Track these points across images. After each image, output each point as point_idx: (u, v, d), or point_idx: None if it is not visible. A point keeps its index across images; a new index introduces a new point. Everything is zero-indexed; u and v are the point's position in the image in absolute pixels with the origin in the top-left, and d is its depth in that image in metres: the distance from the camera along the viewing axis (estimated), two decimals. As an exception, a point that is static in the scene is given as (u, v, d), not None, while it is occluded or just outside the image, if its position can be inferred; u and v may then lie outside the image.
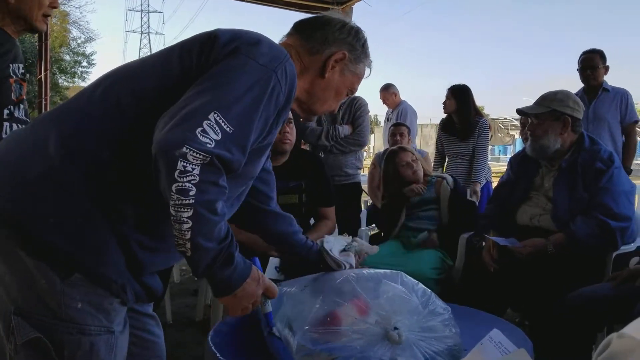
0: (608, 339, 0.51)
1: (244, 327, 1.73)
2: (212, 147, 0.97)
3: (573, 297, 2.00)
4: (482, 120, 4.23)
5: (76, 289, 1.04)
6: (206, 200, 0.98)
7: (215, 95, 1.00)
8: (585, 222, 2.35)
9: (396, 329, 1.27)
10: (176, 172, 0.95)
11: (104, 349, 1.06)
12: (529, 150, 2.60)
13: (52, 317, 1.02)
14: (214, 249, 1.02)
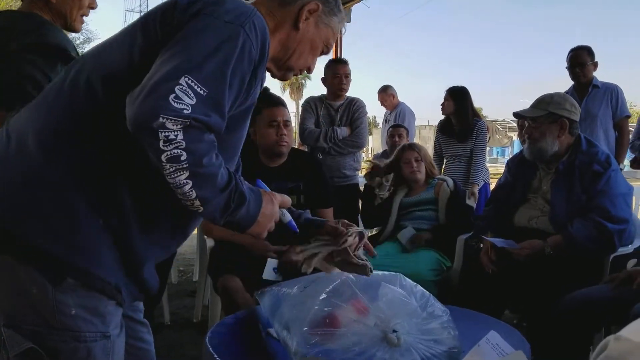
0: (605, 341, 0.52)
1: (241, 329, 1.73)
2: (189, 112, 0.94)
3: (571, 298, 2.01)
4: (480, 122, 4.23)
5: (69, 295, 1.00)
6: (199, 159, 0.97)
7: (184, 59, 0.96)
8: (583, 225, 2.36)
9: (395, 332, 1.27)
10: (160, 143, 0.93)
11: (101, 354, 1.04)
12: (526, 154, 2.60)
13: (45, 326, 0.99)
14: (223, 196, 1.02)
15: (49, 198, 0.99)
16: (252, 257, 2.51)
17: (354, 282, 1.39)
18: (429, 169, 3.21)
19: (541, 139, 2.50)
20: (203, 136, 0.97)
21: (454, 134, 4.23)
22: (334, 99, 3.81)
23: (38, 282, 0.98)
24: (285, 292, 1.58)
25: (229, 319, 1.82)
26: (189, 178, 0.96)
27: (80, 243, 1.00)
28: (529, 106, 2.60)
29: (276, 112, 2.60)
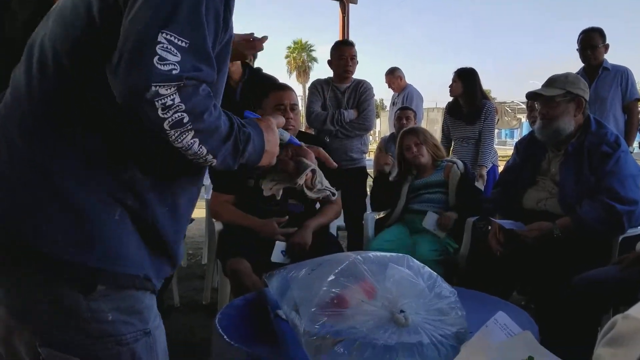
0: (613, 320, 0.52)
1: (250, 310, 1.75)
2: (179, 71, 0.88)
3: (579, 280, 2.01)
4: (489, 104, 4.20)
5: (102, 301, 0.95)
6: (200, 116, 0.92)
7: (153, 12, 0.89)
8: (592, 206, 2.35)
9: (402, 312, 1.28)
10: (159, 112, 0.88)
11: (144, 353, 1.01)
12: (539, 135, 2.57)
13: (84, 337, 0.95)
14: (231, 142, 0.99)
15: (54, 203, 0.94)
16: (260, 240, 2.53)
17: (362, 264, 1.40)
18: (433, 152, 3.19)
19: (558, 119, 2.47)
20: (199, 91, 0.92)
21: (462, 116, 4.21)
22: (341, 81, 3.79)
23: (69, 295, 0.93)
24: (294, 274, 1.59)
25: (237, 301, 1.84)
26: (195, 137, 0.93)
27: (100, 245, 0.95)
28: (542, 86, 2.57)
29: (283, 95, 2.59)
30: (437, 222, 2.94)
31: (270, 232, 2.52)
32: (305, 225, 2.56)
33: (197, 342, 2.86)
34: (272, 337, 1.54)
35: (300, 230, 2.54)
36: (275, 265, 2.24)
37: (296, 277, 1.56)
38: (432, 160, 3.17)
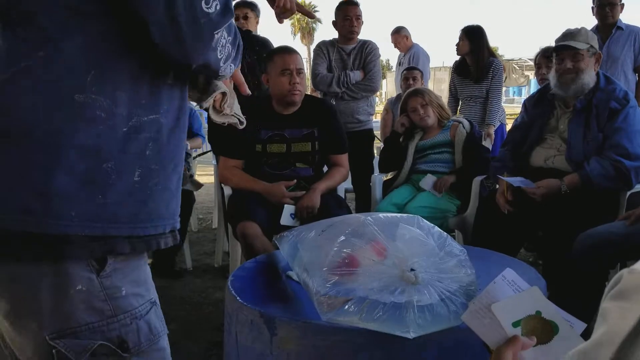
0: (619, 275, 0.53)
1: (262, 272, 1.78)
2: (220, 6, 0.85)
3: (586, 236, 2.02)
4: (496, 62, 4.15)
5: (114, 276, 0.89)
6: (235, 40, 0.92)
7: None
8: (600, 163, 2.35)
9: (413, 270, 1.30)
10: (218, 54, 0.88)
11: (157, 322, 0.98)
12: (563, 90, 2.49)
13: (102, 319, 0.89)
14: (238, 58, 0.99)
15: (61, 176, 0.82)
16: (269, 204, 2.55)
17: (372, 224, 1.41)
18: (439, 112, 3.17)
19: (584, 73, 2.44)
20: (229, 14, 0.88)
21: (470, 75, 4.16)
22: (346, 42, 3.74)
23: (81, 277, 0.86)
24: (304, 236, 1.61)
25: (249, 263, 1.87)
26: (233, 62, 0.94)
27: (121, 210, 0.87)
28: (567, 39, 2.49)
29: (288, 59, 2.57)
30: (434, 183, 2.95)
31: (278, 196, 2.55)
32: (313, 188, 2.58)
33: (212, 302, 2.93)
34: (283, 298, 1.58)
35: (308, 193, 2.56)
36: (285, 228, 2.27)
37: (306, 239, 1.58)
38: (437, 121, 3.16)
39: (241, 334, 1.44)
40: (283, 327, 1.35)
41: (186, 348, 2.40)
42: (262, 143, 2.63)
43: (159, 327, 0.98)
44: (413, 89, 3.40)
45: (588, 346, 0.51)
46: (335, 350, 1.31)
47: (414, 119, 3.15)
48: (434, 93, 3.27)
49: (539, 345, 0.84)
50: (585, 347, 0.51)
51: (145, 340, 0.94)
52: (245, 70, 3.17)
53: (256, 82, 3.16)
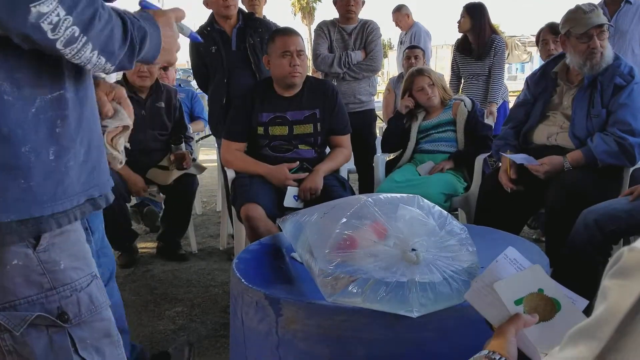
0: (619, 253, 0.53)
1: (266, 254, 1.80)
2: None
3: (589, 211, 2.02)
4: (498, 39, 4.11)
5: (52, 251, 0.92)
6: (90, 23, 0.84)
7: None
8: (603, 139, 2.34)
9: (414, 250, 1.31)
10: (48, 34, 0.81)
11: (98, 293, 1.00)
12: (591, 71, 2.42)
13: (41, 291, 0.92)
14: (128, 42, 0.93)
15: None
16: (272, 187, 2.56)
17: (373, 206, 1.42)
18: (442, 92, 3.15)
19: (607, 49, 2.41)
20: None
21: (471, 53, 4.13)
22: (346, 22, 3.71)
23: (16, 253, 0.89)
24: (307, 218, 1.62)
25: (253, 246, 1.89)
26: (94, 49, 0.86)
27: (37, 195, 0.88)
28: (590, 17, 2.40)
29: (288, 41, 2.55)
30: (430, 169, 2.95)
31: (281, 178, 2.55)
32: (315, 170, 2.58)
33: (218, 284, 2.95)
34: (288, 279, 1.59)
35: (311, 175, 2.57)
36: (288, 210, 2.28)
37: (309, 221, 1.59)
38: (440, 101, 3.14)
39: (247, 315, 1.46)
40: (288, 308, 1.37)
41: (194, 330, 2.43)
42: (264, 126, 2.63)
43: (101, 299, 1.00)
44: (417, 68, 3.36)
45: (589, 323, 0.51)
46: (339, 331, 1.32)
47: (420, 98, 3.13)
48: (436, 73, 3.25)
49: (541, 323, 0.85)
50: (586, 325, 0.52)
51: (85, 311, 0.96)
52: (249, 52, 3.15)
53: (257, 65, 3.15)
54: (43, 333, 0.92)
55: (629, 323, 0.47)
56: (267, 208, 2.42)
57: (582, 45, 2.42)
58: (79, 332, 0.96)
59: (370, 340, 1.31)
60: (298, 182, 2.56)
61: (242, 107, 2.65)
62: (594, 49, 2.38)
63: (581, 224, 2.01)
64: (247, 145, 2.70)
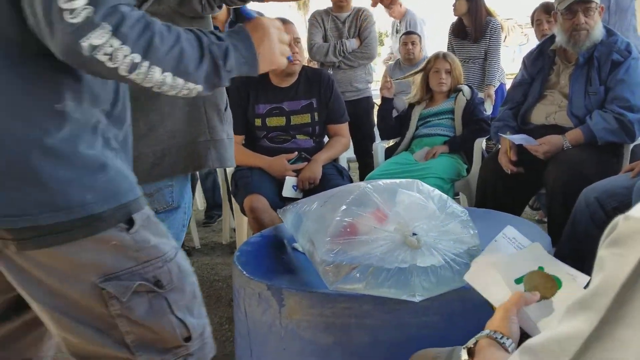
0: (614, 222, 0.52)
1: (267, 246, 1.79)
2: (94, 10, 0.84)
3: (590, 189, 2.01)
4: (494, 21, 4.09)
5: (142, 231, 1.04)
6: (149, 46, 0.89)
7: None
8: (602, 116, 2.33)
9: (415, 235, 1.30)
10: (107, 64, 0.86)
11: (184, 263, 1.13)
12: (577, 48, 2.42)
13: (138, 264, 1.04)
14: (207, 60, 0.97)
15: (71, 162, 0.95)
16: (272, 178, 2.56)
17: (372, 192, 1.41)
18: (453, 84, 3.11)
19: (595, 28, 2.39)
20: (131, 21, 0.87)
21: (467, 36, 4.11)
22: (340, 10, 3.69)
23: (115, 235, 1.00)
24: (306, 208, 1.62)
25: (254, 238, 1.88)
26: (164, 71, 0.91)
27: (118, 185, 1.00)
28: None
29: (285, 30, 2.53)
30: (425, 154, 2.94)
31: (280, 169, 2.55)
32: (314, 160, 2.58)
33: (222, 279, 2.96)
34: (290, 269, 1.59)
35: (309, 164, 2.56)
36: (289, 201, 2.28)
37: (309, 211, 1.59)
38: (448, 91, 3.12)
39: (250, 307, 1.46)
40: (290, 298, 1.37)
41: (199, 324, 2.42)
42: (261, 117, 2.62)
43: (187, 267, 1.13)
44: (445, 52, 3.31)
45: (586, 295, 0.51)
46: (342, 318, 1.32)
47: (431, 80, 3.10)
48: (459, 65, 3.19)
49: (542, 300, 0.84)
50: (584, 297, 0.51)
51: (176, 278, 1.09)
52: None
53: None
54: (144, 298, 1.05)
55: (626, 293, 0.47)
56: (270, 199, 2.42)
57: (567, 22, 2.43)
58: (173, 295, 1.08)
59: (374, 326, 1.31)
60: (297, 172, 2.55)
61: (238, 100, 2.64)
62: (577, 25, 2.38)
63: (582, 202, 2.00)
64: (244, 137, 2.69)
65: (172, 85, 0.94)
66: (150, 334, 1.07)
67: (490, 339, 0.77)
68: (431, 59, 3.19)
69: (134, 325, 1.05)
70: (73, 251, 0.98)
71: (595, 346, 0.48)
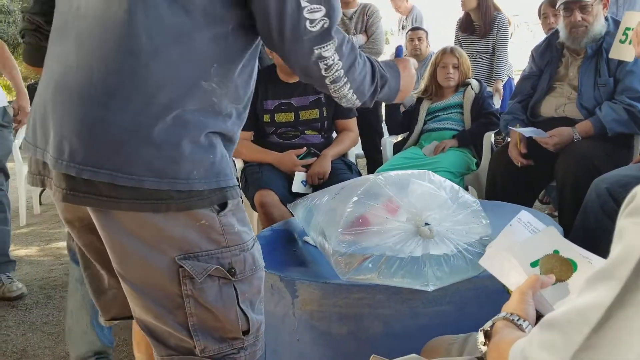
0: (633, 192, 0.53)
1: (278, 239, 1.80)
2: (329, 23, 1.01)
3: (601, 180, 2.00)
4: (501, 15, 4.07)
5: (230, 216, 1.09)
6: (351, 68, 1.08)
7: None
8: (612, 107, 2.32)
9: (427, 225, 1.31)
10: (322, 72, 1.05)
11: (258, 255, 1.16)
12: (575, 44, 2.44)
13: (218, 248, 1.08)
14: (374, 86, 1.16)
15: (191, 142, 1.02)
16: (282, 174, 2.56)
17: (383, 183, 1.42)
18: (460, 79, 3.10)
19: (594, 24, 2.39)
20: (349, 44, 1.07)
21: (475, 31, 4.09)
22: (346, 6, 3.69)
23: (207, 215, 1.05)
24: (317, 201, 1.62)
25: (266, 231, 1.89)
26: (350, 88, 1.10)
27: (221, 170, 1.07)
28: None
29: None
30: (434, 148, 2.93)
31: (289, 165, 2.55)
32: (323, 155, 2.58)
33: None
34: (301, 262, 1.60)
35: (318, 159, 2.56)
36: (299, 196, 2.28)
37: (320, 204, 1.59)
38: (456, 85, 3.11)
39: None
40: (303, 289, 1.37)
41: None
42: (270, 113, 2.62)
43: (260, 260, 1.16)
44: (452, 46, 3.30)
45: (606, 265, 0.51)
46: (356, 308, 1.33)
47: (439, 75, 3.09)
48: (467, 60, 3.19)
49: (558, 283, 0.84)
50: (604, 267, 0.51)
51: (248, 269, 1.12)
52: None
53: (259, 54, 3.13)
54: (215, 283, 1.08)
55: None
56: (280, 194, 2.43)
57: (566, 18, 2.45)
58: (242, 286, 1.11)
59: (387, 315, 1.32)
60: (306, 167, 2.56)
61: (246, 96, 2.65)
62: (573, 23, 2.40)
63: (593, 193, 1.99)
64: (253, 133, 2.70)
65: (347, 99, 1.13)
66: (213, 321, 1.10)
67: (507, 321, 0.77)
68: (438, 53, 3.18)
69: (200, 308, 1.08)
70: (163, 221, 1.02)
71: (617, 314, 0.48)
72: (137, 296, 1.10)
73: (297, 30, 1.00)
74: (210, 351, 1.11)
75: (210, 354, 1.12)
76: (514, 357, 0.59)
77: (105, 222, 1.04)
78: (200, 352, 1.11)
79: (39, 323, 2.51)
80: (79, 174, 0.99)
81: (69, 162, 0.99)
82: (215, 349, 1.12)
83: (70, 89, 1.03)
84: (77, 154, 0.99)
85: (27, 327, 2.50)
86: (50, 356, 2.16)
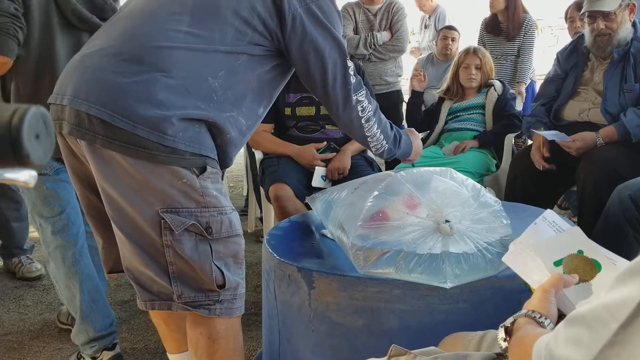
0: None
1: (296, 231, 1.81)
2: (357, 79, 1.42)
3: (624, 187, 1.98)
4: (529, 18, 4.03)
5: (209, 181, 1.25)
6: (375, 112, 1.49)
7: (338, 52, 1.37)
8: (637, 113, 2.28)
9: (447, 222, 1.30)
10: (359, 112, 1.44)
11: (236, 222, 1.31)
12: (599, 52, 2.43)
13: (197, 207, 1.23)
14: (393, 132, 1.56)
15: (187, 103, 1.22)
16: (301, 167, 2.57)
17: (405, 179, 1.42)
18: (483, 80, 3.08)
19: (618, 31, 2.36)
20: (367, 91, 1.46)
21: (501, 32, 4.05)
22: (371, 3, 3.68)
23: (188, 175, 1.22)
24: (336, 195, 1.63)
25: (283, 223, 1.90)
26: (378, 128, 1.48)
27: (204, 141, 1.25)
28: (589, 4, 2.40)
29: None
30: (454, 148, 2.91)
31: (309, 158, 2.56)
32: (343, 150, 2.58)
33: (247, 265, 2.97)
34: (318, 254, 1.60)
35: (338, 155, 2.57)
36: (316, 190, 2.29)
37: (339, 198, 1.60)
38: (479, 86, 3.09)
39: (279, 289, 1.48)
40: (320, 281, 1.38)
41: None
42: (291, 106, 2.63)
43: (237, 227, 1.32)
44: (475, 47, 3.27)
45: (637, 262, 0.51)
46: (372, 302, 1.33)
47: (461, 76, 3.08)
48: (490, 60, 3.17)
49: (581, 283, 0.84)
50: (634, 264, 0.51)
51: (225, 231, 1.27)
52: None
53: None
54: (192, 238, 1.24)
55: None
56: (295, 188, 2.43)
57: (590, 25, 2.44)
58: (216, 245, 1.26)
59: (403, 311, 1.32)
60: (326, 162, 2.56)
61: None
62: (597, 30, 2.39)
63: (615, 200, 1.97)
64: (274, 126, 2.71)
65: (377, 138, 1.51)
66: (190, 271, 1.25)
67: (528, 318, 0.77)
68: (461, 54, 3.16)
69: (178, 258, 1.23)
70: (150, 175, 1.19)
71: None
72: (126, 241, 1.25)
73: (346, 85, 1.38)
74: (187, 298, 1.26)
75: (187, 301, 1.27)
76: (538, 352, 0.59)
77: (101, 164, 1.21)
78: (177, 298, 1.26)
79: (56, 304, 2.55)
80: (88, 110, 1.18)
81: (83, 100, 1.19)
82: (192, 297, 1.27)
83: (97, 53, 1.26)
84: (90, 94, 1.19)
85: (45, 307, 2.54)
86: (66, 336, 2.19)
